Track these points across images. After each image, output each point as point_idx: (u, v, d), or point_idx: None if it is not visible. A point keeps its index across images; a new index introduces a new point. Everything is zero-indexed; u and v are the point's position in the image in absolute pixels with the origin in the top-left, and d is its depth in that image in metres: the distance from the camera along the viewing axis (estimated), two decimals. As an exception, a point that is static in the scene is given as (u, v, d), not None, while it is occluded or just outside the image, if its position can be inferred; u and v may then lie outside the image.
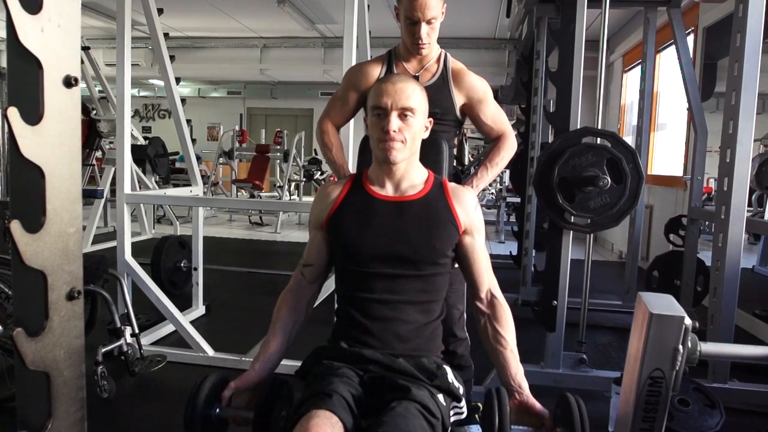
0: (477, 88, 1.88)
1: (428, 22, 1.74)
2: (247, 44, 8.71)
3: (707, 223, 4.15)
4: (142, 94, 12.51)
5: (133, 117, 12.92)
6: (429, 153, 1.57)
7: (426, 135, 1.51)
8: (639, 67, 6.70)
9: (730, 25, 2.93)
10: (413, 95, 1.43)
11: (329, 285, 2.71)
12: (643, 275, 3.97)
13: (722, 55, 4.70)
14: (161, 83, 10.98)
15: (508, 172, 8.25)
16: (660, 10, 3.75)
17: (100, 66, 5.53)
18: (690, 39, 4.62)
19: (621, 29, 7.01)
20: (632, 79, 7.14)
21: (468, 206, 1.49)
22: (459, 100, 1.87)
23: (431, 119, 1.53)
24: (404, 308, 1.41)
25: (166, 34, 3.09)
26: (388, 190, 1.48)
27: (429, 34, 1.76)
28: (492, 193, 8.75)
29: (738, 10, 2.38)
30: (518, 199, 5.30)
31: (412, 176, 1.50)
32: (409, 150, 1.44)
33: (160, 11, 2.96)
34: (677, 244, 3.86)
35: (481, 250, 1.49)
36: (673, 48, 3.61)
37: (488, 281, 1.48)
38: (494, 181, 8.52)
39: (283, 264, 5.25)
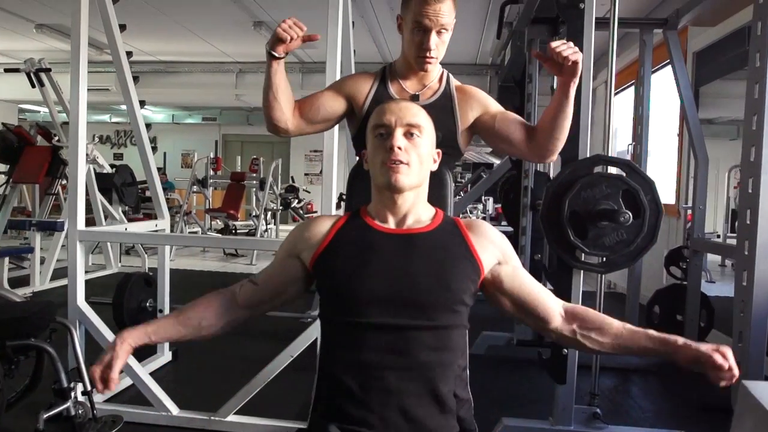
0: (490, 100, 1.63)
1: (438, 32, 1.49)
2: (222, 69, 8.49)
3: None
4: (114, 119, 12.14)
5: (104, 143, 12.56)
6: (432, 187, 1.31)
7: (435, 167, 1.27)
8: (624, 92, 6.64)
9: (720, 50, 2.82)
10: (420, 114, 1.23)
11: (312, 332, 2.42)
12: (643, 310, 3.75)
13: (708, 80, 4.62)
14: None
15: (491, 199, 8.07)
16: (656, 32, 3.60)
17: (63, 90, 5.21)
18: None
19: (604, 55, 6.94)
20: (617, 105, 7.06)
21: (489, 237, 1.26)
22: (464, 120, 1.59)
23: (438, 150, 1.29)
24: (413, 375, 1.13)
25: (129, 53, 2.81)
26: (391, 225, 1.24)
27: (438, 47, 1.51)
28: (475, 221, 8.53)
29: (756, 27, 2.20)
30: (510, 229, 5.07)
31: (418, 211, 1.26)
32: (416, 176, 1.21)
33: (123, 27, 2.69)
34: (678, 277, 3.66)
35: (528, 275, 1.27)
36: (658, 72, 3.48)
37: (557, 301, 1.26)
38: (476, 208, 8.40)
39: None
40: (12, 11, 6.08)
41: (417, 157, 1.21)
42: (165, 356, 3.19)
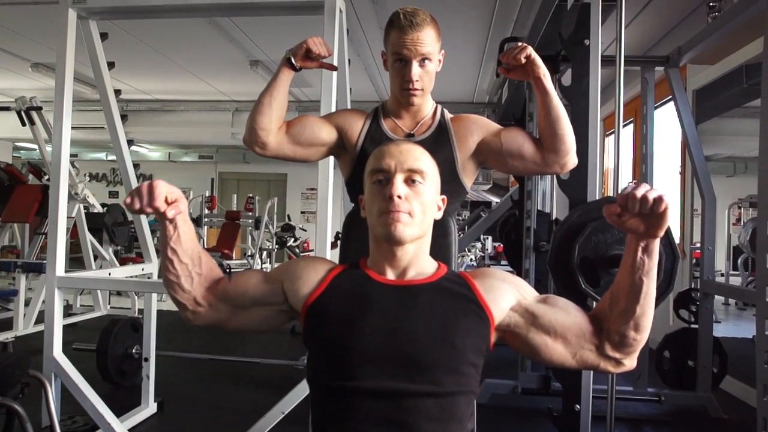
0: (490, 122, 1.52)
1: (421, 63, 1.38)
2: (218, 107, 8.46)
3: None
4: (110, 157, 12.08)
5: (99, 181, 12.48)
6: (434, 236, 1.19)
7: (439, 215, 1.15)
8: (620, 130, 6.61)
9: (718, 88, 2.75)
10: (422, 158, 1.11)
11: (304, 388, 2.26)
12: (653, 355, 3.58)
13: (706, 118, 4.58)
14: (135, 147, 10.53)
15: (490, 238, 7.95)
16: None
17: (56, 128, 5.12)
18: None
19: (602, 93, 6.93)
20: (613, 144, 7.02)
21: (498, 277, 1.15)
22: (465, 148, 1.47)
23: (443, 197, 1.17)
24: None
25: (117, 91, 2.72)
26: (390, 277, 1.13)
27: (422, 78, 1.40)
28: (472, 261, 8.39)
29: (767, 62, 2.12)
30: (509, 270, 4.93)
31: (421, 264, 1.14)
32: (418, 227, 1.09)
33: (111, 65, 2.60)
34: (687, 320, 3.51)
35: (558, 298, 1.17)
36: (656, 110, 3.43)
37: (587, 319, 1.13)
38: (474, 247, 8.27)
39: (251, 346, 4.72)
40: (8, 50, 6.06)
41: (419, 205, 1.09)
42: (149, 408, 2.99)
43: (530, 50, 1.33)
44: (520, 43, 1.34)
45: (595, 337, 1.10)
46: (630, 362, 1.11)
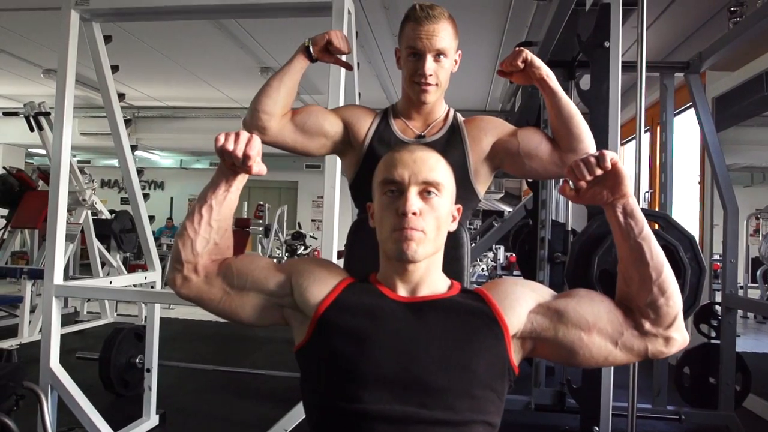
0: (505, 123, 1.42)
1: (436, 58, 1.29)
2: (229, 114, 8.45)
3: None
4: (122, 164, 12.13)
5: (111, 188, 12.53)
6: (446, 247, 1.10)
7: (453, 227, 1.06)
8: (634, 141, 6.50)
9: (738, 96, 2.64)
10: (438, 167, 1.03)
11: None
12: (672, 371, 3.45)
13: (726, 126, 4.46)
14: (142, 153, 10.53)
15: (502, 248, 7.82)
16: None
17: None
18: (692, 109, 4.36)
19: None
20: (628, 153, 6.92)
21: (511, 281, 1.08)
22: (478, 150, 1.37)
23: (458, 206, 1.09)
24: None
25: (121, 95, 2.66)
26: (402, 293, 1.05)
27: (436, 73, 1.30)
28: (484, 270, 8.26)
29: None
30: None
31: (433, 281, 1.06)
32: (432, 244, 1.01)
33: (115, 68, 2.54)
34: (707, 335, 3.38)
35: (577, 291, 1.08)
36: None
37: (615, 304, 1.05)
38: (486, 257, 8.13)
39: (257, 356, 4.64)
40: (20, 56, 6.09)
41: (434, 221, 1.01)
42: (151, 420, 2.91)
43: (526, 53, 1.26)
44: (516, 49, 1.28)
45: (630, 319, 1.02)
46: (680, 335, 1.02)
